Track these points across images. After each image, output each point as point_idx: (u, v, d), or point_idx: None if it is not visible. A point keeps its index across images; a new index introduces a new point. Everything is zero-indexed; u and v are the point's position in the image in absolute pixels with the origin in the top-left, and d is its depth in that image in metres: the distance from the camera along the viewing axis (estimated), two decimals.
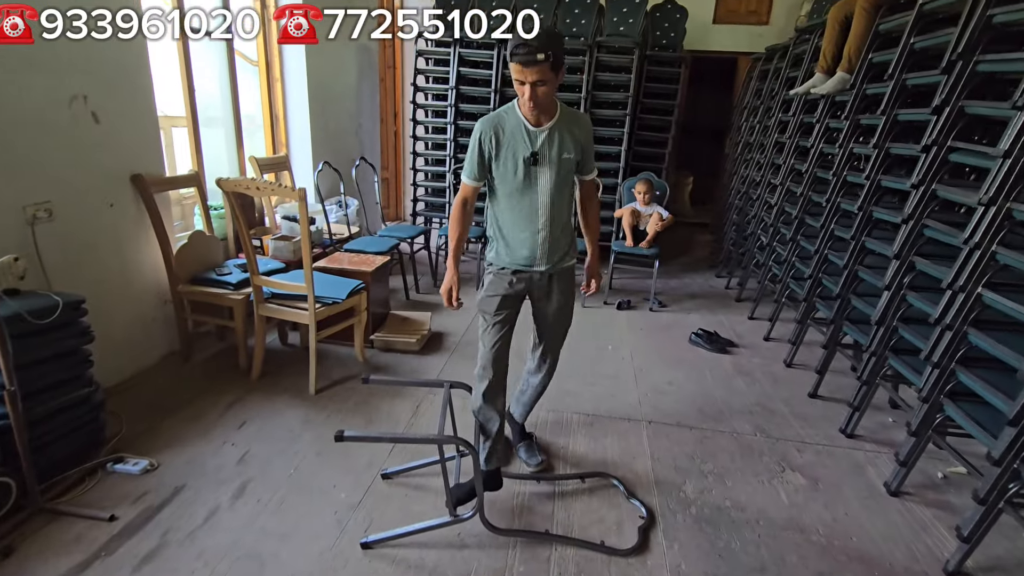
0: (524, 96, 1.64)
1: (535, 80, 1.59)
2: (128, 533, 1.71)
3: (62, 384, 1.91)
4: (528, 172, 1.74)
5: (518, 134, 1.73)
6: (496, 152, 1.74)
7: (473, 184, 1.82)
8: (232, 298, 2.63)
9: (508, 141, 1.73)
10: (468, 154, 1.79)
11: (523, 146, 1.72)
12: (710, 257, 5.37)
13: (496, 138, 1.73)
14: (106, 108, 2.35)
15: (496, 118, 1.75)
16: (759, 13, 5.50)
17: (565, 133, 1.76)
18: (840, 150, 2.84)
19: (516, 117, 1.74)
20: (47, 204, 2.12)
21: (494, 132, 1.73)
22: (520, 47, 1.56)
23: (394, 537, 1.72)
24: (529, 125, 1.73)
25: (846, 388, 2.76)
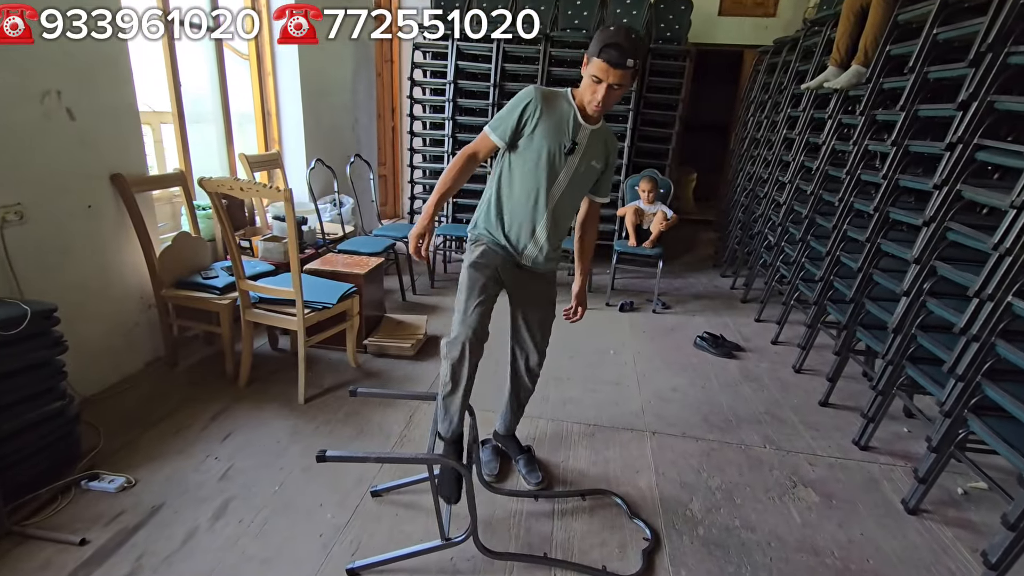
0: (595, 94, 1.57)
1: (615, 83, 1.54)
2: (100, 559, 1.60)
3: (33, 398, 1.80)
4: (554, 160, 1.65)
5: (564, 119, 1.64)
6: (535, 124, 1.63)
7: (495, 140, 1.68)
8: (218, 303, 2.52)
9: (552, 120, 1.63)
10: (506, 110, 1.67)
11: (564, 133, 1.64)
12: (714, 256, 5.24)
13: (541, 110, 1.63)
14: (82, 104, 2.23)
15: (549, 93, 1.65)
16: (766, 5, 5.35)
17: (601, 143, 1.72)
18: (854, 147, 2.72)
19: (569, 104, 1.65)
20: (17, 207, 2.00)
21: (542, 103, 1.63)
22: (613, 48, 1.49)
23: (382, 563, 1.62)
24: (579, 118, 1.65)
25: (859, 395, 2.65)
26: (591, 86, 1.57)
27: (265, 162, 3.65)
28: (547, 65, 4.22)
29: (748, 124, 4.76)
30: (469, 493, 1.60)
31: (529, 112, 1.63)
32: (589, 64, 1.56)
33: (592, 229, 1.94)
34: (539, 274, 1.85)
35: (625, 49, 1.49)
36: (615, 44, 1.49)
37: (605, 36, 1.52)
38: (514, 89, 4.33)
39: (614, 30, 1.53)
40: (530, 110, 1.63)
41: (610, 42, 1.50)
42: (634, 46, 1.51)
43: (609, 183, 1.84)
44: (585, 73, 1.58)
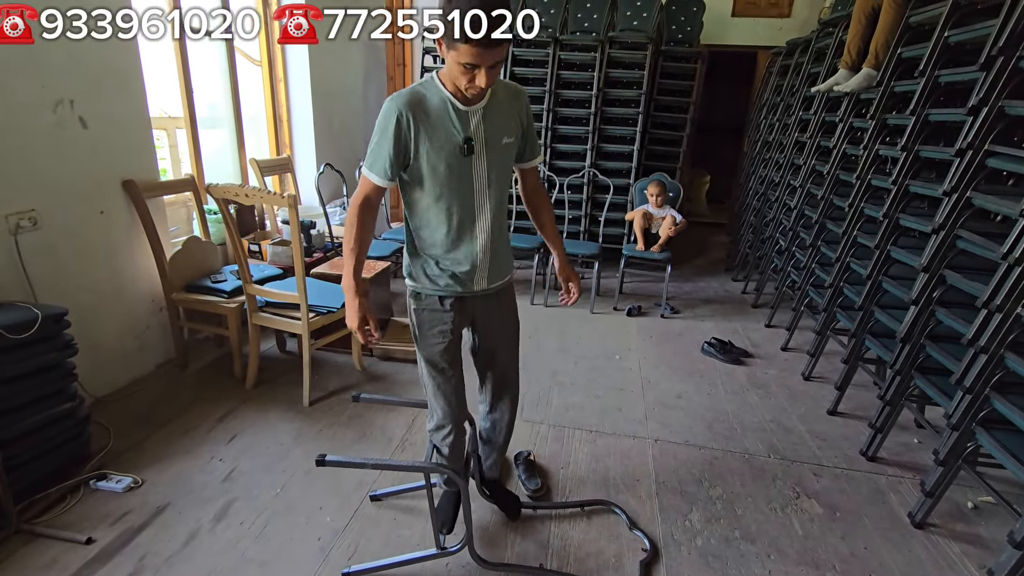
0: (473, 81, 1.24)
1: (494, 63, 1.23)
2: (104, 558, 1.64)
3: (43, 399, 1.85)
4: (459, 165, 1.36)
5: (444, 115, 1.33)
6: (417, 140, 1.33)
7: (380, 182, 1.38)
8: (226, 306, 2.56)
9: (433, 124, 1.33)
10: (375, 142, 1.35)
11: (452, 130, 1.34)
12: (726, 259, 5.18)
13: (416, 121, 1.31)
14: (95, 112, 2.29)
15: (413, 95, 1.32)
16: (780, 5, 5.28)
17: (503, 112, 1.40)
18: (865, 151, 2.66)
19: (440, 93, 1.32)
20: (31, 213, 2.06)
21: (413, 113, 1.31)
22: (478, 24, 1.14)
23: (377, 569, 1.63)
24: (458, 103, 1.33)
25: (868, 405, 2.60)
26: (464, 73, 1.23)
27: (276, 166, 3.70)
28: (556, 68, 4.21)
29: (760, 126, 4.69)
30: (465, 503, 1.60)
31: (404, 131, 1.32)
32: (453, 49, 1.20)
33: (542, 199, 1.66)
34: (499, 298, 1.59)
35: (495, 16, 1.15)
36: (478, 17, 1.14)
37: (462, 7, 1.14)
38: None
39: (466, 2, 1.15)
40: (404, 127, 1.32)
41: (474, 19, 1.14)
42: (503, 17, 1.16)
43: (534, 142, 1.54)
44: (449, 59, 1.23)
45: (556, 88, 4.24)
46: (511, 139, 1.44)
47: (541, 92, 4.25)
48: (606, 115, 4.29)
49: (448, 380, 1.57)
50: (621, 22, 4.44)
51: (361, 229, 1.42)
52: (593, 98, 4.19)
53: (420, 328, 1.53)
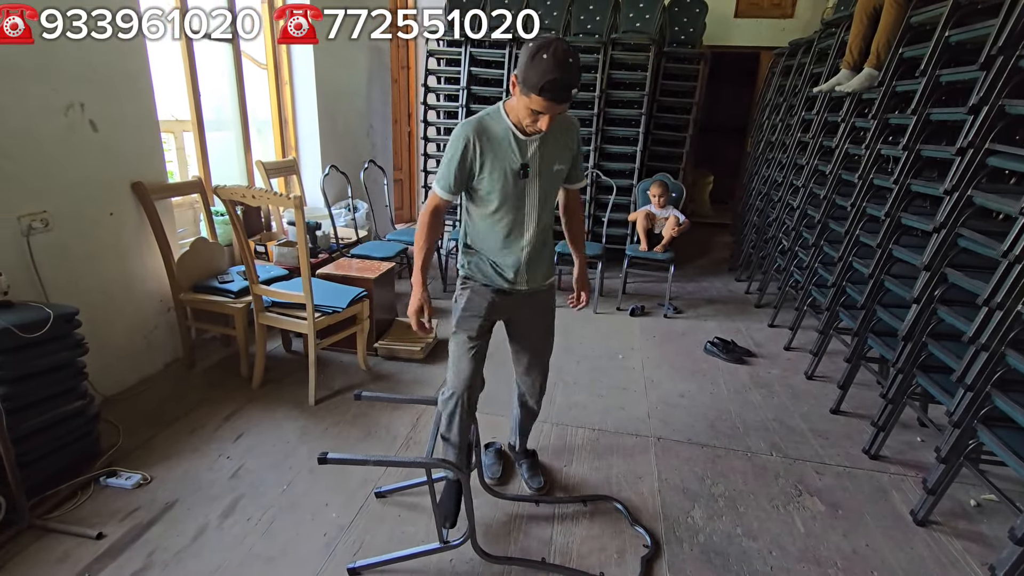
0: (536, 123, 1.44)
1: (562, 111, 1.45)
2: (115, 552, 1.67)
3: (54, 397, 1.89)
4: (515, 186, 1.55)
5: (506, 143, 1.52)
6: (481, 163, 1.53)
7: (445, 196, 1.60)
8: (233, 306, 2.59)
9: (495, 150, 1.53)
10: (445, 161, 1.56)
11: (512, 157, 1.53)
12: (729, 259, 5.19)
13: (481, 147, 1.52)
14: (105, 115, 2.33)
15: (481, 123, 1.53)
16: (783, 6, 5.28)
17: (556, 141, 1.58)
18: (867, 151, 2.67)
19: (504, 123, 1.52)
20: (43, 214, 2.10)
21: (479, 140, 1.51)
22: (555, 84, 1.33)
23: (382, 563, 1.65)
24: (519, 133, 1.52)
25: (871, 404, 2.60)
26: (530, 115, 1.43)
27: (282, 168, 3.74)
28: None
29: (763, 127, 4.70)
30: (467, 497, 1.63)
31: (471, 154, 1.52)
32: (527, 96, 1.39)
33: (577, 215, 1.87)
34: (536, 298, 1.76)
35: (568, 82, 1.35)
36: (556, 80, 1.33)
37: (544, 69, 1.33)
38: None
39: (551, 60, 1.33)
40: (471, 152, 1.52)
41: (551, 78, 1.33)
42: (575, 73, 1.36)
43: (580, 169, 1.74)
44: (519, 99, 1.42)
45: None
46: (562, 166, 1.64)
47: None
48: (609, 116, 4.31)
49: (469, 351, 1.70)
50: (624, 24, 4.46)
51: (431, 231, 1.66)
52: (596, 99, 4.21)
53: (464, 307, 1.70)
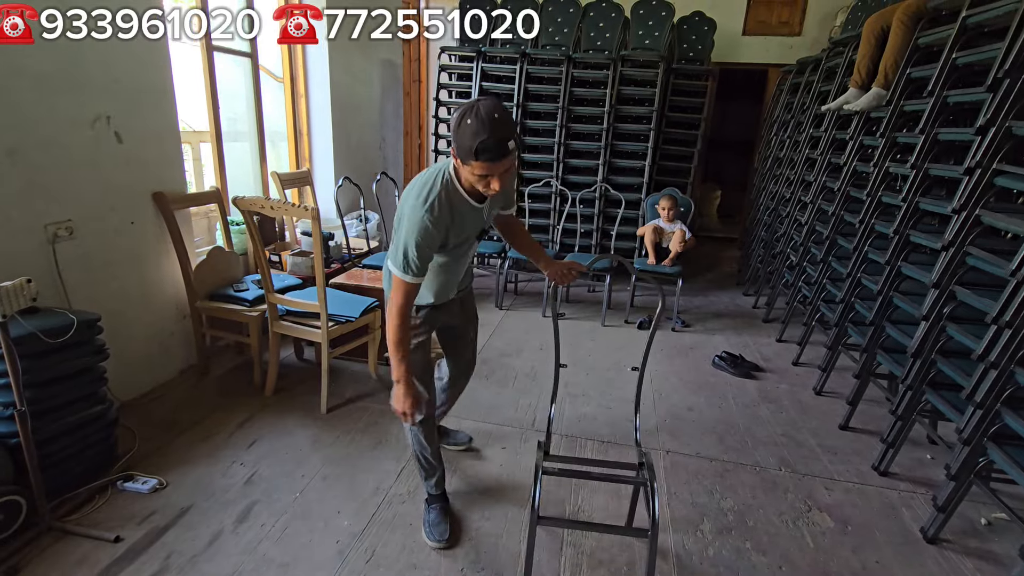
0: (489, 187, 1.42)
1: (504, 170, 1.40)
2: (132, 556, 1.70)
3: (76, 402, 1.93)
4: (467, 243, 1.66)
5: (467, 213, 1.55)
6: (446, 239, 1.54)
7: (416, 280, 1.51)
8: (247, 315, 2.64)
9: (458, 223, 1.54)
10: (412, 246, 1.45)
11: (474, 225, 1.61)
12: (737, 273, 5.20)
13: (446, 225, 1.50)
14: (129, 127, 2.39)
15: (440, 203, 1.47)
16: (791, 24, 5.35)
17: (499, 195, 1.61)
18: (875, 169, 2.70)
19: (460, 195, 1.52)
20: (68, 223, 2.16)
21: (443, 220, 1.48)
22: (487, 146, 1.32)
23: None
24: (474, 202, 1.55)
25: (880, 420, 2.61)
26: (480, 181, 1.41)
27: (296, 180, 3.81)
28: (569, 86, 4.30)
29: (771, 143, 4.74)
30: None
31: (437, 237, 1.49)
32: (468, 164, 1.38)
33: (524, 232, 1.95)
34: (461, 301, 1.89)
35: (501, 137, 1.32)
36: (487, 141, 1.31)
37: (472, 132, 1.32)
38: (538, 110, 4.43)
39: (476, 123, 1.32)
40: (439, 236, 1.49)
41: (481, 139, 1.31)
42: (505, 127, 1.33)
43: (512, 198, 1.87)
44: (464, 170, 1.42)
45: (569, 105, 4.33)
46: (500, 208, 1.76)
47: (554, 108, 4.34)
48: (618, 131, 4.37)
49: (428, 371, 1.84)
50: (633, 41, 4.53)
51: (407, 329, 1.56)
52: (605, 115, 4.27)
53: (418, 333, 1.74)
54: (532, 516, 1.47)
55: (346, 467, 2.19)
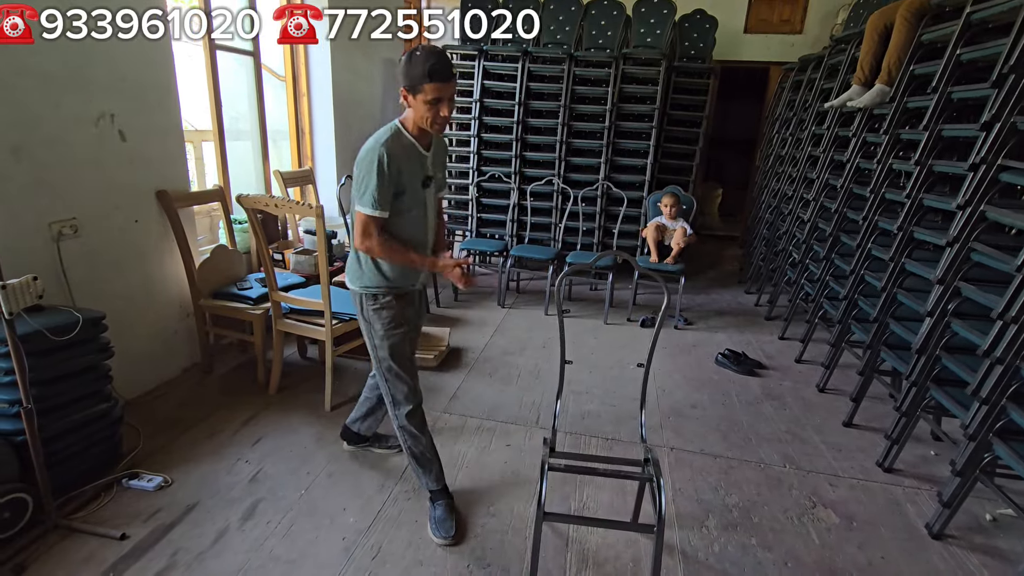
0: (439, 114, 1.59)
1: (452, 94, 1.61)
2: (138, 553, 1.70)
3: (81, 400, 1.93)
4: (420, 196, 1.74)
5: (413, 157, 1.68)
6: (399, 177, 1.65)
7: (381, 214, 1.64)
8: (251, 313, 2.64)
9: (405, 165, 1.66)
10: (369, 183, 1.60)
11: (418, 169, 1.71)
12: (739, 272, 5.21)
13: (396, 163, 1.62)
14: (133, 125, 2.39)
15: (389, 142, 1.62)
16: (792, 22, 5.35)
17: (438, 155, 1.82)
18: (878, 166, 2.70)
19: (407, 140, 1.67)
20: (72, 221, 2.16)
21: (392, 157, 1.61)
22: (440, 64, 1.54)
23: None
24: (421, 149, 1.70)
25: (884, 417, 2.61)
26: (431, 108, 1.58)
27: (298, 178, 3.80)
28: (571, 84, 4.30)
29: (773, 141, 4.74)
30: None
31: (389, 171, 1.61)
32: (420, 92, 1.55)
33: (440, 217, 2.00)
34: (422, 293, 2.00)
35: (447, 62, 1.57)
36: (436, 62, 1.53)
37: (422, 60, 1.53)
38: (540, 108, 4.43)
39: (424, 52, 1.55)
40: (388, 169, 1.60)
41: (432, 63, 1.52)
42: (448, 58, 1.59)
43: (445, 179, 1.96)
44: (416, 104, 1.58)
45: (571, 103, 4.33)
46: (442, 175, 1.88)
47: (556, 107, 4.34)
48: (620, 129, 4.37)
49: (412, 364, 1.85)
50: (635, 39, 4.53)
51: (393, 244, 1.70)
52: (607, 113, 4.27)
53: (385, 325, 1.78)
54: (538, 512, 1.48)
55: (351, 464, 2.19)
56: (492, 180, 4.53)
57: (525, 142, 4.48)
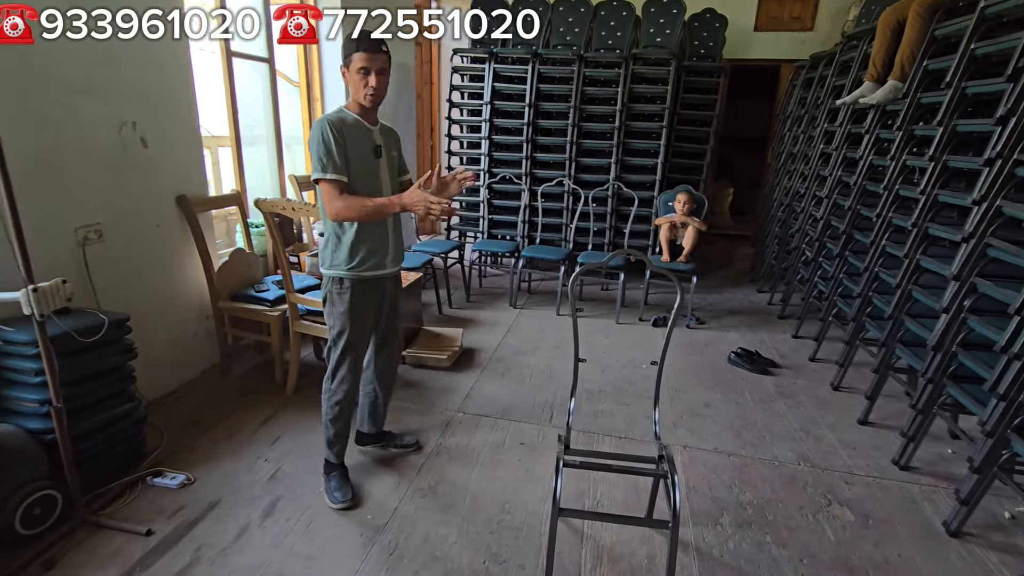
0: (367, 85, 1.74)
1: (380, 67, 1.74)
2: (163, 549, 1.75)
3: (107, 399, 1.98)
4: (372, 166, 1.84)
5: (358, 131, 1.81)
6: (347, 146, 1.77)
7: (341, 178, 1.75)
8: (269, 315, 2.69)
9: (351, 136, 1.78)
10: (323, 151, 1.73)
11: (365, 139, 1.83)
12: (751, 271, 5.18)
13: (343, 134, 1.76)
14: (154, 133, 2.45)
15: (335, 118, 1.78)
16: (803, 19, 5.32)
17: (389, 136, 1.95)
18: (892, 162, 2.69)
19: (351, 116, 1.82)
20: (97, 226, 2.22)
21: (338, 128, 1.75)
22: (364, 39, 1.71)
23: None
24: (366, 124, 1.84)
25: (899, 415, 2.59)
26: (362, 80, 1.73)
27: (312, 182, 3.85)
28: (581, 85, 4.32)
29: (785, 139, 4.72)
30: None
31: (338, 139, 1.74)
32: (351, 64, 1.73)
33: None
34: (396, 278, 2.07)
35: (374, 39, 1.72)
36: (364, 36, 1.71)
37: (352, 36, 1.72)
38: (550, 110, 4.45)
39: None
40: (338, 137, 1.74)
41: (359, 37, 1.71)
42: (378, 38, 1.74)
43: (404, 162, 2.06)
44: (351, 77, 1.76)
45: (581, 104, 4.35)
46: (396, 154, 1.99)
47: (566, 108, 4.36)
48: (630, 129, 4.38)
49: (362, 348, 2.01)
50: (645, 39, 4.54)
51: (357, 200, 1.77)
52: (617, 113, 4.28)
53: (345, 307, 1.88)
54: (553, 508, 1.50)
55: (367, 463, 2.22)
56: (503, 181, 4.56)
57: (536, 143, 4.50)
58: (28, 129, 1.99)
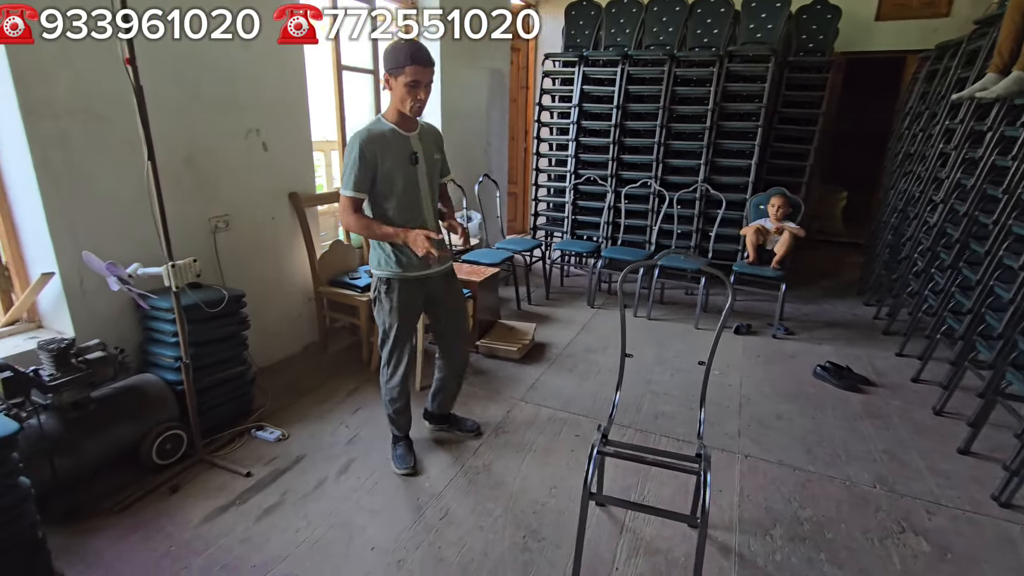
0: (414, 98, 1.80)
1: (429, 81, 1.80)
2: (258, 488, 2.07)
3: (224, 361, 2.37)
4: (410, 173, 1.91)
5: (394, 141, 1.88)
6: (380, 160, 1.85)
7: (358, 196, 1.88)
8: (359, 299, 3.01)
9: (386, 147, 1.86)
10: (349, 167, 1.85)
11: (403, 149, 1.89)
12: (859, 282, 4.75)
13: (374, 148, 1.84)
14: (273, 138, 2.86)
15: (367, 131, 1.86)
16: (936, 4, 4.77)
17: (429, 139, 2.00)
18: (1015, 163, 2.39)
19: (386, 127, 1.88)
20: (226, 217, 2.66)
21: (371, 143, 1.84)
22: (419, 52, 1.75)
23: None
24: (401, 131, 1.89)
25: (1008, 446, 2.29)
26: (410, 92, 1.79)
27: None
28: (671, 85, 4.25)
29: (902, 137, 4.29)
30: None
31: (368, 155, 1.83)
32: (401, 75, 1.76)
33: (448, 199, 2.22)
34: (446, 275, 2.13)
35: (427, 52, 1.77)
36: (418, 50, 1.75)
37: (403, 47, 1.75)
38: (638, 111, 4.43)
39: (404, 42, 1.76)
40: (368, 154, 1.83)
41: (414, 50, 1.74)
42: (426, 49, 1.78)
43: (447, 163, 2.12)
44: (396, 86, 1.80)
45: (671, 104, 4.28)
46: (439, 157, 2.05)
47: (655, 109, 4.31)
48: (722, 129, 4.23)
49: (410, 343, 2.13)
50: (743, 35, 4.36)
51: (369, 220, 1.93)
52: (709, 113, 4.16)
53: (391, 305, 2.02)
54: (584, 491, 1.57)
55: (433, 439, 2.43)
56: (588, 183, 4.62)
57: (622, 145, 4.51)
58: (179, 140, 2.43)
